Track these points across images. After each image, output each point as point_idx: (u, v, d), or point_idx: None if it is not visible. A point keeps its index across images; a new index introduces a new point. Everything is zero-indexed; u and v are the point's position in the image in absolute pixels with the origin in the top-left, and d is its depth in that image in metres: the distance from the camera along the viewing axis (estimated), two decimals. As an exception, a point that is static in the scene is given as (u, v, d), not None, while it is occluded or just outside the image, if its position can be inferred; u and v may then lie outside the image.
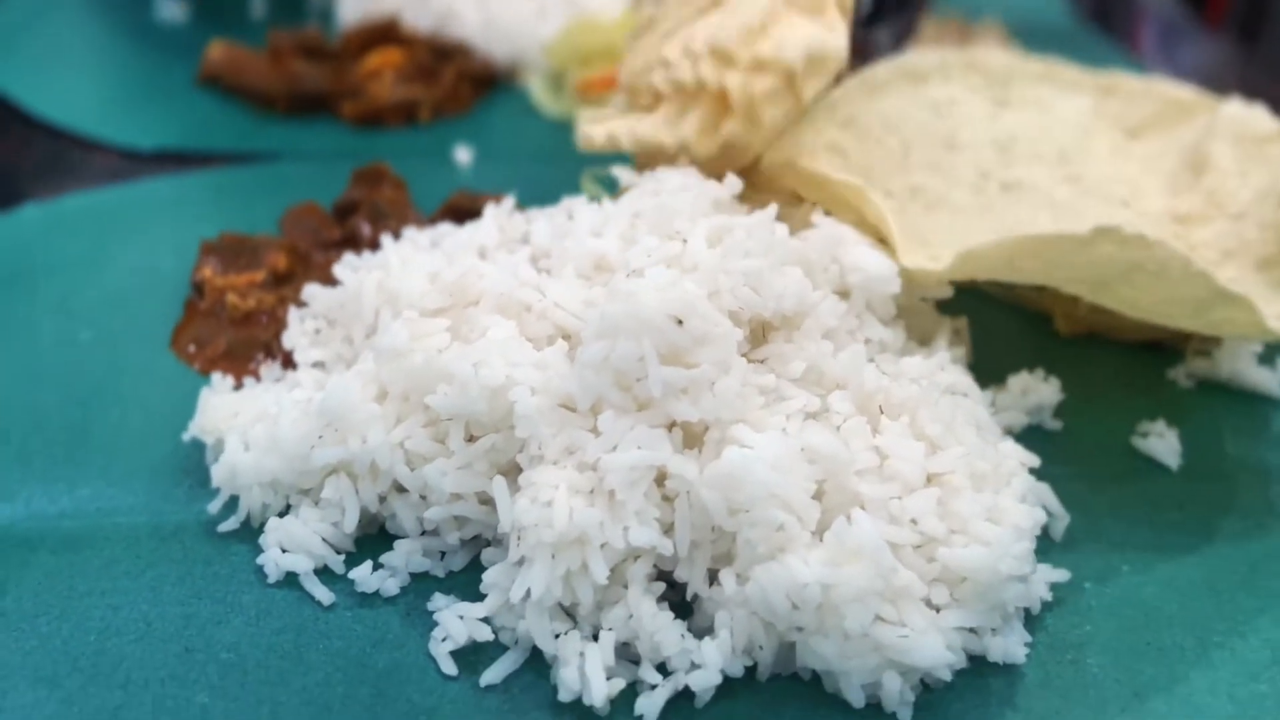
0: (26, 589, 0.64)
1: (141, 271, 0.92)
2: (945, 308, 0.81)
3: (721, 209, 0.77)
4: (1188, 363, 0.86)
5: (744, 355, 0.66)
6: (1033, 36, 1.35)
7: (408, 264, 0.74)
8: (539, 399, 0.62)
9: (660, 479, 0.61)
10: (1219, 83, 1.08)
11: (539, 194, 0.98)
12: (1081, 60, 1.05)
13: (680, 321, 0.61)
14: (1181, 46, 1.62)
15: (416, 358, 0.65)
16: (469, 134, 1.16)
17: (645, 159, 0.92)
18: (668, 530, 0.61)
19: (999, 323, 0.90)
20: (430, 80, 1.20)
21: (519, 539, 0.60)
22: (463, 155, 1.11)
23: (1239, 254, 0.84)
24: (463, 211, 0.92)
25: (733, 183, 0.78)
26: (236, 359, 0.81)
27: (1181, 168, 0.93)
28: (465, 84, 1.22)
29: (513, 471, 0.65)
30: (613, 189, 1.02)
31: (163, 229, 0.98)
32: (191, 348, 0.83)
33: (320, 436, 0.65)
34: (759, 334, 0.69)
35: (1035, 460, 0.69)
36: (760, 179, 0.87)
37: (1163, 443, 0.78)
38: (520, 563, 0.61)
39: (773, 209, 0.74)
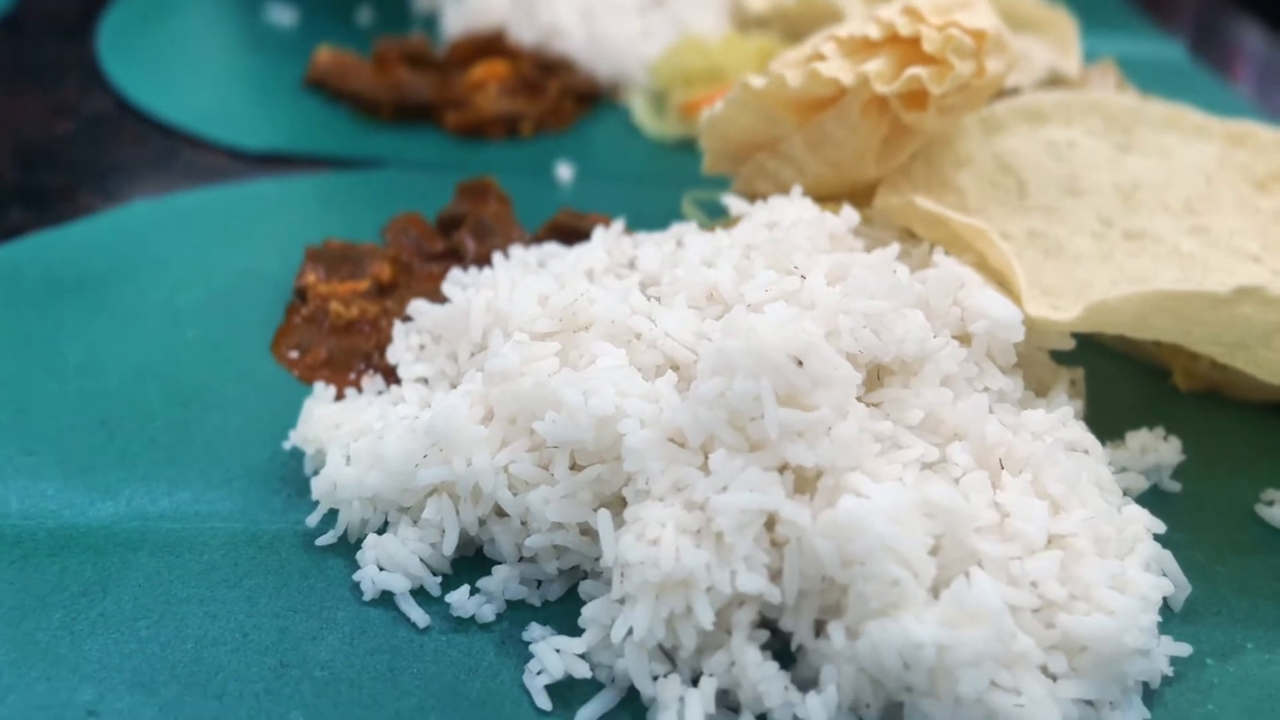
0: (127, 591, 0.64)
1: (246, 273, 0.93)
2: (1060, 356, 0.78)
3: (838, 243, 0.75)
4: (1316, 429, 0.82)
5: (859, 399, 0.64)
6: (1147, 76, 1.31)
7: (518, 285, 0.73)
8: (648, 432, 0.61)
9: (770, 524, 0.59)
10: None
11: (639, 215, 0.97)
12: (1196, 102, 1.01)
13: (800, 362, 0.60)
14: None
15: (526, 381, 0.64)
16: (570, 150, 1.16)
17: (750, 183, 0.91)
18: (775, 577, 0.59)
19: (1115, 375, 0.86)
20: (534, 94, 1.20)
21: (622, 576, 0.59)
22: (564, 172, 1.11)
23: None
24: (568, 230, 0.91)
25: (849, 215, 0.76)
26: (337, 368, 0.81)
27: (1315, 224, 0.88)
28: (568, 100, 1.21)
29: (617, 504, 0.63)
30: (714, 214, 1.00)
31: (267, 231, 0.98)
32: (293, 354, 0.83)
33: (425, 455, 0.65)
34: (874, 377, 0.67)
35: (1161, 526, 0.66)
36: (874, 215, 0.85)
37: (1290, 513, 0.74)
38: (622, 600, 0.59)
39: (895, 248, 0.72)
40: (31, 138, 1.13)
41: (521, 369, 0.65)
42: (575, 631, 0.62)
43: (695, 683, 0.58)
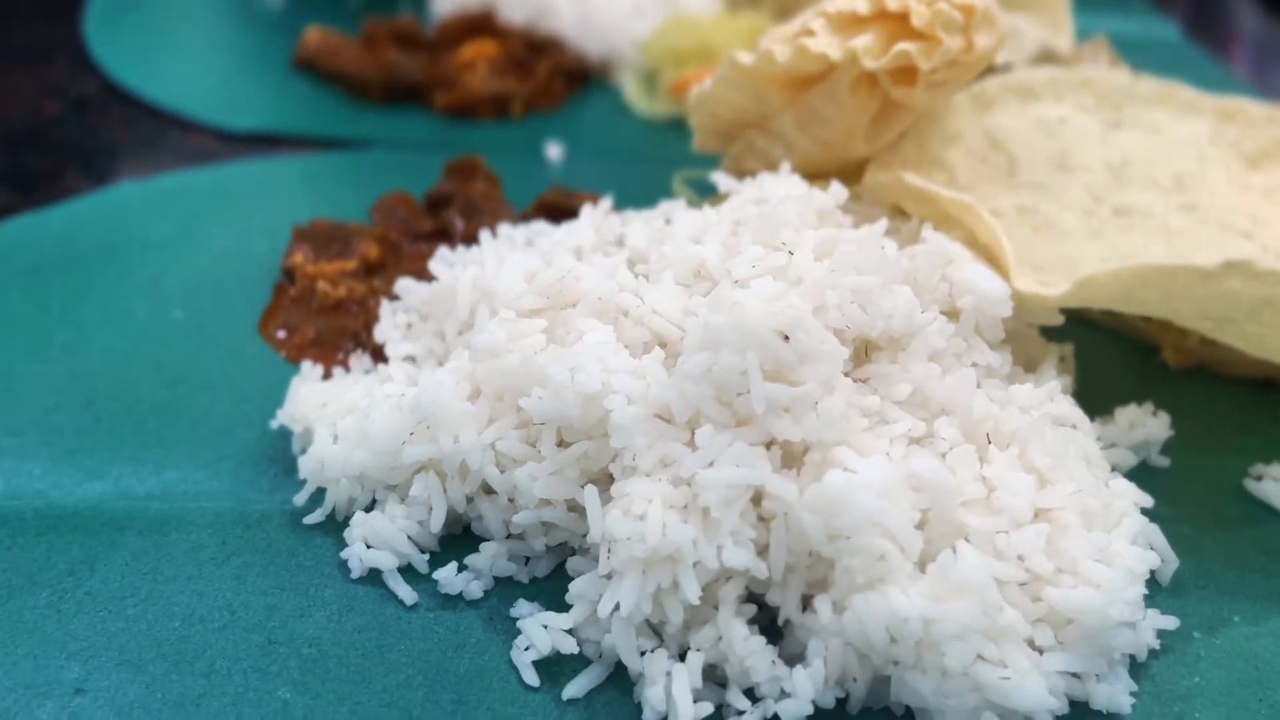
0: (114, 570, 0.64)
1: (233, 253, 0.92)
2: (1049, 333, 0.78)
3: (826, 219, 0.75)
4: (1304, 404, 0.82)
5: (846, 374, 0.64)
6: (1140, 54, 1.31)
7: (504, 262, 0.73)
8: (635, 408, 0.61)
9: (757, 499, 0.59)
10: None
11: (630, 194, 0.96)
12: (1190, 80, 1.01)
13: (786, 337, 0.59)
14: (1276, 67, 1.57)
15: (512, 358, 0.64)
16: (560, 130, 1.15)
17: (739, 161, 0.90)
18: (762, 552, 0.59)
19: (1104, 351, 0.86)
20: (524, 74, 1.19)
21: (609, 552, 0.59)
22: (554, 151, 1.10)
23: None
24: (556, 209, 0.91)
25: (838, 191, 0.76)
26: (325, 347, 0.81)
27: (1306, 199, 0.88)
28: (558, 79, 1.21)
29: (604, 480, 0.63)
30: (705, 193, 1.00)
31: (255, 212, 0.98)
32: (280, 334, 0.83)
33: (411, 433, 0.65)
34: (861, 352, 0.67)
35: (1148, 500, 0.66)
36: (864, 192, 0.84)
37: (1278, 487, 0.74)
38: (609, 576, 0.59)
39: (882, 223, 0.72)
40: (18, 119, 1.12)
41: (508, 346, 0.65)
42: (563, 607, 0.62)
43: (682, 657, 0.58)
